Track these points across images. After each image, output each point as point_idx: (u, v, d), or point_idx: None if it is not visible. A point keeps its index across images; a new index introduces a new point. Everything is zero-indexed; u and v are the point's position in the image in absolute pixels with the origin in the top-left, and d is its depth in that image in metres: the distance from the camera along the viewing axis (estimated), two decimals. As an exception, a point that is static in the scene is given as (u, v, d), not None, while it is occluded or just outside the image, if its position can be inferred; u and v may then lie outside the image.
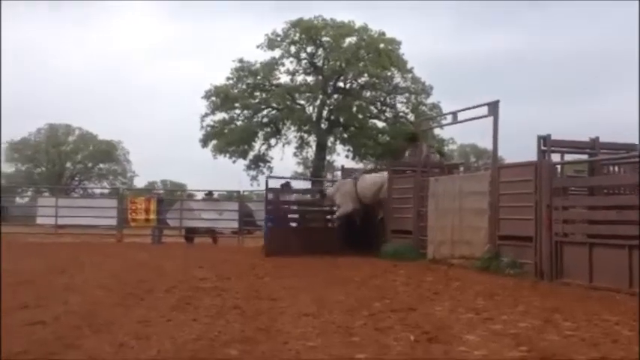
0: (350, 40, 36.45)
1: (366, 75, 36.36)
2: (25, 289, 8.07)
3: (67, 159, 55.02)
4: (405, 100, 37.27)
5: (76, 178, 55.29)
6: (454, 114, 13.06)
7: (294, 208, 17.26)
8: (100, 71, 73.66)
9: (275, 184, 18.14)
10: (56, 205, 20.73)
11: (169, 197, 26.11)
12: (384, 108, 37.60)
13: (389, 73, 36.47)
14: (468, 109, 12.42)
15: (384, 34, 36.55)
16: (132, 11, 74.40)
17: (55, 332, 5.40)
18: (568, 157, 11.09)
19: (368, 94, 37.26)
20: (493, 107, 11.49)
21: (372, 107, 37.54)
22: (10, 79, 68.98)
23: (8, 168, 52.83)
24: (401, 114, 37.40)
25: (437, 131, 33.28)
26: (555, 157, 10.62)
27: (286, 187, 18.72)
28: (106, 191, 51.23)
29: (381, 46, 36.11)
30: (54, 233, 20.55)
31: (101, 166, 56.07)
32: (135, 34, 76.48)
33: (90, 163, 55.82)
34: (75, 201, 26.10)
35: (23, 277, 9.35)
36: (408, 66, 36.64)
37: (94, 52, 73.05)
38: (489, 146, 12.47)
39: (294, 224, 16.55)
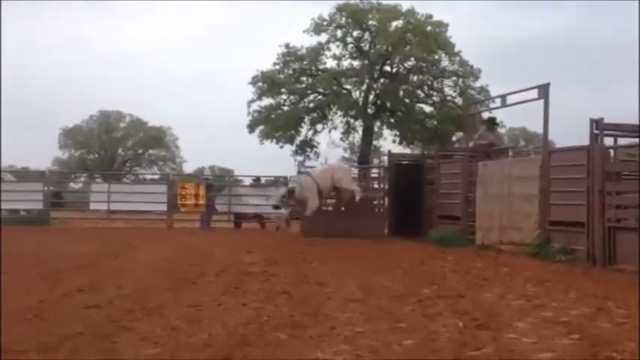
0: (396, 23, 36.07)
1: (412, 59, 35.97)
2: (81, 273, 8.30)
3: (119, 145, 56.02)
4: (452, 84, 36.79)
5: (127, 164, 56.30)
6: (503, 97, 12.87)
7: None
8: (150, 58, 74.58)
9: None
10: (108, 191, 21.15)
11: (218, 183, 26.34)
12: (431, 92, 37.18)
13: (436, 57, 36.00)
14: (518, 92, 12.23)
15: (431, 16, 36.09)
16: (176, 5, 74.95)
17: (109, 315, 5.55)
18: (621, 141, 10.83)
19: (415, 78, 36.87)
20: (543, 90, 11.28)
21: (418, 91, 37.15)
22: (63, 68, 70.42)
23: (62, 154, 54.07)
24: (448, 98, 36.94)
25: (485, 115, 32.75)
26: (608, 141, 10.38)
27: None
28: (156, 177, 52.02)
29: (428, 29, 35.65)
30: (106, 218, 21.02)
31: (151, 152, 56.92)
32: (183, 20, 77.15)
33: (140, 149, 56.74)
34: (126, 187, 26.65)
35: (79, 261, 9.61)
36: (456, 49, 36.12)
37: (144, 39, 74.02)
38: (539, 130, 12.27)
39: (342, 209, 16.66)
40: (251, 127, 36.81)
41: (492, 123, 14.89)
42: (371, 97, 36.67)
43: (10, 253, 10.49)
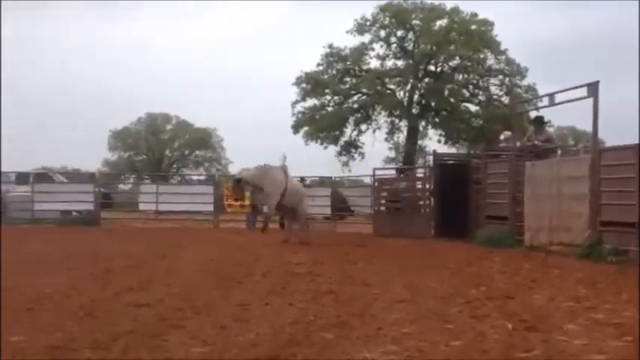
0: (441, 22, 35.79)
1: (457, 58, 35.63)
2: (131, 273, 8.45)
3: (166, 147, 56.81)
4: (498, 83, 36.33)
5: (174, 165, 57.07)
6: (551, 96, 12.65)
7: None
8: (194, 59, 75.44)
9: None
10: (156, 192, 21.50)
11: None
12: (476, 91, 36.78)
13: (481, 55, 35.60)
14: (566, 90, 12.01)
15: (475, 15, 35.71)
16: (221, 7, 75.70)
17: (158, 314, 5.64)
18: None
19: (460, 77, 36.52)
20: (593, 88, 11.06)
21: (464, 90, 36.78)
22: (112, 72, 71.79)
23: (111, 156, 55.09)
24: (494, 97, 36.48)
25: (532, 114, 32.27)
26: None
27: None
28: (202, 178, 52.64)
29: (473, 27, 35.29)
30: (155, 219, 21.36)
31: (197, 153, 57.57)
32: (229, 21, 77.81)
33: (187, 150, 57.45)
34: (174, 187, 27.03)
35: (129, 261, 9.79)
36: (502, 47, 35.67)
37: (188, 40, 74.90)
38: (589, 128, 12.04)
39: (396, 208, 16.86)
40: (295, 128, 36.94)
41: (540, 122, 14.66)
42: (415, 97, 36.46)
43: (63, 253, 10.77)
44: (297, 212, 13.91)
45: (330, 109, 36.74)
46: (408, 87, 36.12)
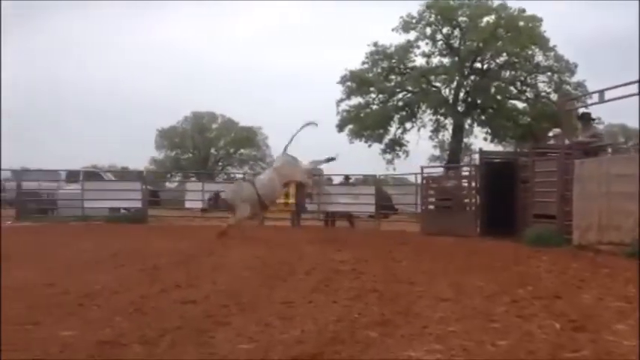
0: (487, 19, 35.42)
1: (504, 54, 35.25)
2: (178, 270, 8.58)
3: (211, 145, 57.51)
4: (547, 80, 35.81)
5: (220, 164, 57.70)
6: (601, 92, 12.38)
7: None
8: (238, 58, 76.07)
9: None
10: (202, 190, 21.72)
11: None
12: (524, 88, 36.29)
13: (529, 52, 35.13)
14: (616, 87, 11.75)
15: (523, 11, 35.22)
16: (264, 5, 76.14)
17: (205, 311, 5.71)
18: None
19: (507, 74, 36.09)
20: (645, 84, 10.78)
21: (511, 87, 36.35)
22: (158, 72, 72.87)
23: (158, 154, 55.99)
24: (543, 94, 35.96)
25: (580, 111, 31.64)
26: None
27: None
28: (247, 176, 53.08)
29: (521, 24, 34.82)
30: (201, 216, 21.60)
31: (242, 151, 58.13)
32: (272, 19, 78.25)
33: (232, 148, 58.03)
34: (219, 185, 27.27)
35: (175, 258, 9.93)
36: (550, 43, 35.10)
37: (232, 39, 75.61)
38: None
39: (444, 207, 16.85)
40: (340, 127, 37.00)
41: (587, 119, 14.35)
42: (461, 95, 36.19)
43: (112, 250, 10.99)
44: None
45: (374, 107, 36.71)
46: (454, 84, 35.86)
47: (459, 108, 36.30)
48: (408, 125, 37.17)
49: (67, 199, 22.04)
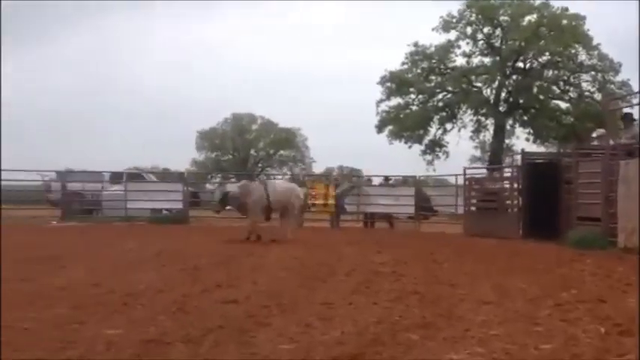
0: (530, 18, 34.94)
1: (547, 53, 34.72)
2: (218, 270, 8.67)
3: (251, 146, 57.87)
4: (590, 79, 35.13)
5: (259, 165, 58.01)
6: (647, 92, 12.12)
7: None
8: (278, 59, 76.47)
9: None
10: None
11: (347, 183, 26.74)
12: (567, 87, 35.69)
13: (572, 51, 34.54)
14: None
15: (566, 9, 34.66)
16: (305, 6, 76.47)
17: (246, 311, 5.76)
18: None
19: (549, 73, 35.54)
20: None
21: (554, 87, 35.79)
22: (199, 74, 73.63)
23: (199, 156, 56.53)
24: (586, 93, 35.31)
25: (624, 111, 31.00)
26: None
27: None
28: (286, 177, 53.33)
29: (564, 22, 34.26)
30: (241, 217, 21.72)
31: (282, 152, 58.36)
32: (310, 21, 78.51)
33: (271, 150, 58.31)
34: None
35: (216, 258, 10.04)
36: (594, 42, 34.47)
37: (271, 43, 76.01)
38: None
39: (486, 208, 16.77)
40: (379, 127, 36.88)
41: (630, 119, 14.05)
42: (503, 95, 35.77)
43: (155, 250, 11.16)
44: (288, 210, 14.46)
45: (414, 107, 36.51)
46: (495, 84, 35.47)
47: (501, 108, 35.89)
48: (448, 126, 36.90)
49: (110, 199, 22.43)
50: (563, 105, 35.95)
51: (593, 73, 34.88)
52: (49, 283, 7.20)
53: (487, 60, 36.03)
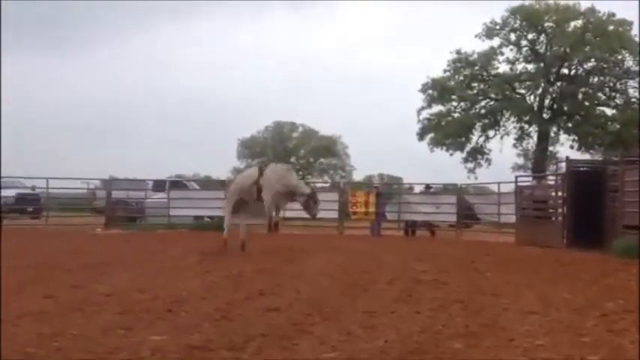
0: (575, 23, 34.47)
1: (592, 60, 34.19)
2: (261, 277, 8.72)
3: (292, 154, 58.11)
4: (637, 85, 34.44)
5: (300, 173, 58.19)
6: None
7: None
8: (318, 67, 76.74)
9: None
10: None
11: (388, 191, 26.68)
12: (613, 94, 35.07)
13: (619, 57, 33.92)
14: None
15: (613, 15, 34.08)
16: (349, 9, 76.53)
17: (289, 318, 5.79)
18: None
19: (595, 79, 34.97)
20: None
21: (599, 94, 35.20)
22: (240, 81, 74.24)
23: (239, 164, 57.00)
24: (633, 100, 34.63)
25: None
26: None
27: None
28: (327, 185, 53.37)
29: (610, 28, 33.69)
30: (282, 225, 21.85)
31: (322, 160, 58.45)
32: (353, 28, 78.59)
33: (312, 158, 58.47)
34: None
35: (260, 265, 10.09)
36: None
37: (312, 48, 76.29)
38: None
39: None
40: (421, 135, 36.72)
41: None
42: (547, 102, 35.32)
43: (198, 257, 11.29)
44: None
45: (456, 115, 36.27)
46: (539, 91, 35.04)
47: (545, 115, 35.42)
48: (490, 133, 36.56)
49: (153, 207, 22.76)
50: (609, 112, 35.35)
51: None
52: (96, 289, 7.35)
53: (531, 66, 35.65)
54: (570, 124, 35.50)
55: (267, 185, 12.69)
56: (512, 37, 35.56)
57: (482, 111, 36.24)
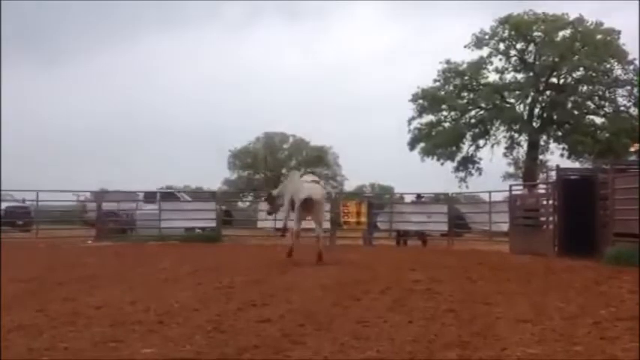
0: (563, 33, 34.71)
1: (581, 69, 34.41)
2: (252, 288, 8.69)
3: (283, 165, 58.08)
4: (626, 94, 34.67)
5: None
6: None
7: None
8: (306, 80, 76.81)
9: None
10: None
11: (379, 200, 26.71)
12: (602, 102, 35.28)
13: (608, 66, 34.17)
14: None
15: (601, 24, 34.35)
16: (346, 20, 76.78)
17: (281, 329, 5.76)
18: None
19: (584, 88, 35.18)
20: None
21: (588, 102, 35.40)
22: (231, 93, 74.23)
23: (231, 175, 56.89)
24: (622, 108, 34.86)
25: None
26: None
27: None
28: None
29: (598, 37, 33.95)
30: (273, 236, 21.81)
31: (314, 170, 58.48)
32: (343, 41, 78.86)
33: (303, 168, 58.42)
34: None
35: (249, 276, 10.07)
36: (630, 57, 34.05)
37: (301, 63, 76.49)
38: None
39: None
40: (412, 145, 36.79)
41: None
42: (536, 110, 35.51)
43: (189, 269, 11.24)
44: None
45: (446, 124, 36.37)
46: (529, 100, 35.23)
47: (534, 124, 35.58)
48: (481, 142, 36.68)
49: (144, 219, 22.67)
50: (599, 120, 35.56)
51: (628, 87, 34.44)
52: (87, 302, 7.30)
53: (520, 76, 35.85)
54: (560, 133, 35.67)
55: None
56: (502, 46, 35.77)
57: (473, 120, 36.37)
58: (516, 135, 36.26)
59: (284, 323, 6.08)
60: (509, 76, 36.00)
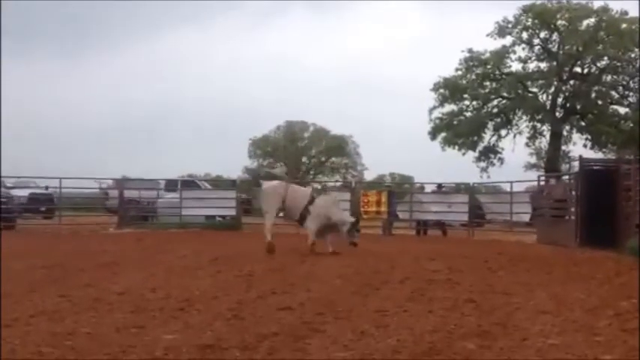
0: (588, 22, 34.23)
1: (605, 58, 33.90)
2: (273, 276, 8.74)
3: (303, 154, 58.09)
4: (651, 83, 34.17)
5: (311, 172, 58.16)
6: None
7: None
8: (329, 69, 76.63)
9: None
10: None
11: (399, 190, 26.66)
12: (627, 92, 34.77)
13: (632, 55, 33.66)
14: None
15: (626, 13, 33.84)
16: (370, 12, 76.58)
17: (301, 317, 5.80)
18: None
19: (608, 78, 34.69)
20: None
21: (612, 92, 34.92)
22: (251, 83, 74.36)
23: (251, 163, 57.06)
24: (646, 98, 34.36)
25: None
26: None
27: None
28: (338, 184, 53.32)
29: (623, 26, 33.43)
30: (290, 224, 21.83)
31: (333, 160, 58.37)
32: (365, 29, 78.55)
33: (323, 157, 58.41)
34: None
35: (270, 265, 10.12)
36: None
37: (321, 52, 76.36)
38: None
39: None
40: (433, 134, 36.56)
41: None
42: (559, 100, 35.09)
43: (210, 256, 11.32)
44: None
45: (468, 114, 36.08)
46: (552, 90, 34.80)
47: (557, 114, 35.18)
48: (503, 132, 36.35)
49: (166, 207, 22.84)
50: (622, 110, 35.04)
51: (654, 77, 33.93)
52: (109, 288, 7.38)
53: (543, 65, 35.41)
54: (583, 123, 35.27)
55: (314, 214, 13.05)
56: (525, 35, 35.33)
57: (495, 110, 36.04)
58: (539, 125, 35.92)
59: (303, 311, 6.11)
60: (532, 66, 35.59)
